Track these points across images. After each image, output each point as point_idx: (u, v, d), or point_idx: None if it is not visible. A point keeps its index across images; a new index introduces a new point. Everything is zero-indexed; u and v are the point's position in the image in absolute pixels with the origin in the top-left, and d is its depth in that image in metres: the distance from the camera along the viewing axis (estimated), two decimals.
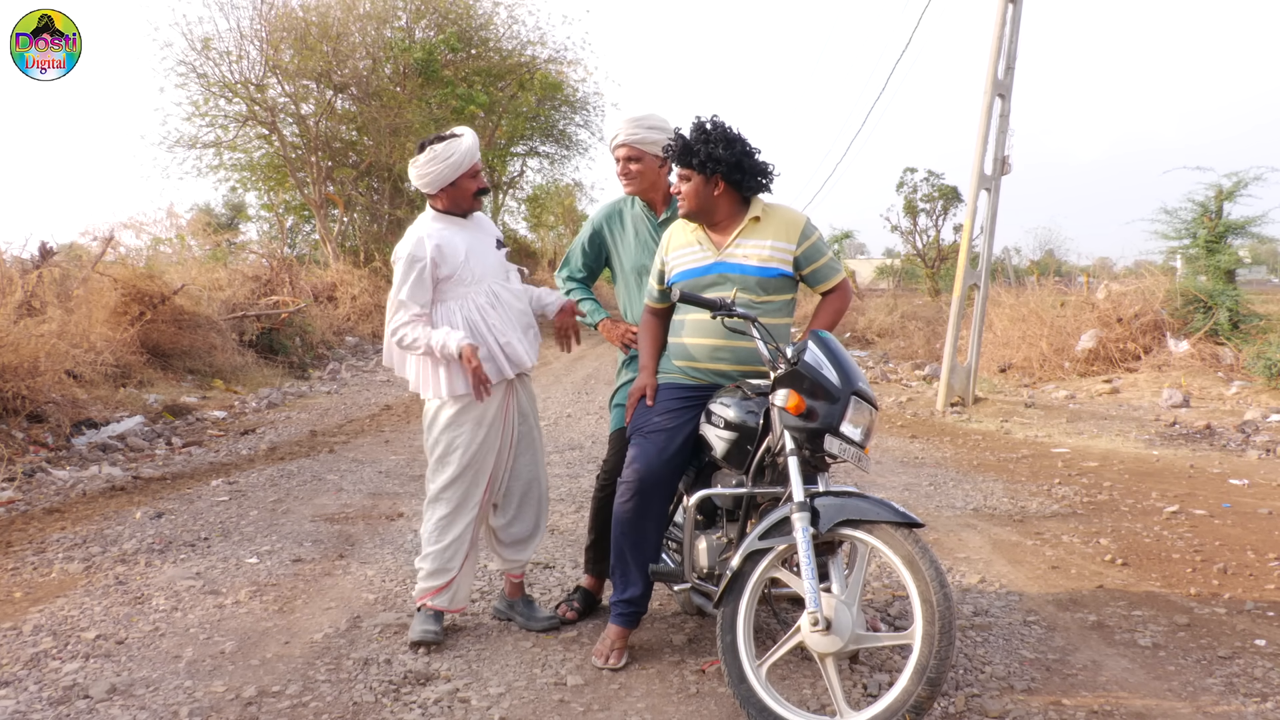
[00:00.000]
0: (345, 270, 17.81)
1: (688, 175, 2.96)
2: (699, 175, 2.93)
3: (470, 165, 3.22)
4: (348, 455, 6.94)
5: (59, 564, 4.14)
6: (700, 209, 2.99)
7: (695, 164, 2.92)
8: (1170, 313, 11.24)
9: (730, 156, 2.90)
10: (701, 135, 2.92)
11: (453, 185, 3.24)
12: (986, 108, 9.17)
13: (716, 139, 2.90)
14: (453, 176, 3.21)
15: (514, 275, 3.42)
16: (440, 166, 3.18)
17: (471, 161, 3.22)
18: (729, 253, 2.98)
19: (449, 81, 20.83)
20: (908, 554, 2.43)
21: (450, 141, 3.20)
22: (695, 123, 2.96)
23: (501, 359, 3.21)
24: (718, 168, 2.91)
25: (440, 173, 3.19)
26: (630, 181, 3.40)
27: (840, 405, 2.63)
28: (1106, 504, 5.32)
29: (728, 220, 3.01)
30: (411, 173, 3.26)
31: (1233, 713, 2.71)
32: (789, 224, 3.00)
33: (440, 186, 3.23)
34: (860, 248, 48.09)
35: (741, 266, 2.95)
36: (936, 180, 25.36)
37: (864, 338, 17.90)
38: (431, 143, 3.21)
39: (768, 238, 2.97)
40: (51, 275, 8.93)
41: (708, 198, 2.96)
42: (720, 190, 2.96)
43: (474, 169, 3.25)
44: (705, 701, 2.80)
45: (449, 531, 3.25)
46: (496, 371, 3.21)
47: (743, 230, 2.99)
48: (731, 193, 2.98)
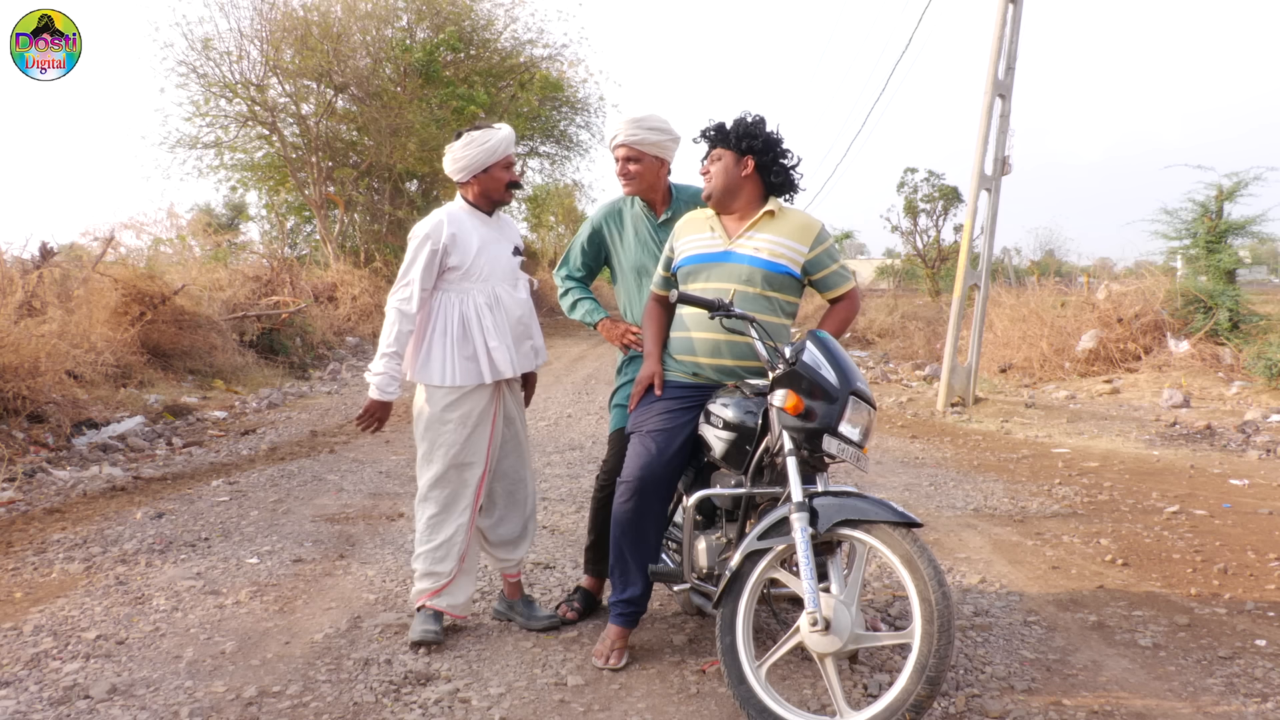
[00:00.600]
0: (345, 270, 17.81)
1: (720, 155, 3.01)
2: (731, 153, 2.99)
3: (504, 155, 3.25)
4: (348, 455, 6.94)
5: (59, 564, 4.14)
6: (725, 188, 3.01)
7: (731, 142, 2.98)
8: (1170, 313, 11.23)
9: (765, 148, 2.98)
10: (741, 121, 3.01)
11: (485, 172, 3.27)
12: (987, 108, 9.17)
13: (756, 123, 3.00)
14: (487, 162, 3.24)
15: (523, 284, 3.41)
16: (475, 151, 3.22)
17: (506, 151, 3.26)
18: (739, 243, 2.99)
19: (449, 82, 20.84)
20: (906, 554, 2.43)
21: (487, 130, 3.25)
22: (738, 116, 3.05)
23: (485, 363, 3.21)
24: (753, 144, 2.97)
25: (475, 157, 3.23)
26: (629, 182, 3.40)
27: (838, 405, 2.63)
28: (1107, 504, 5.32)
29: (745, 210, 3.03)
30: (446, 160, 3.30)
31: (1233, 713, 2.71)
32: (804, 226, 3.01)
33: (474, 173, 3.26)
34: (860, 248, 48.09)
35: (751, 258, 2.95)
36: (937, 180, 25.33)
37: (864, 338, 17.90)
38: (470, 130, 3.27)
39: (781, 234, 2.98)
40: (52, 275, 8.93)
41: (735, 177, 2.99)
42: (748, 172, 2.99)
43: (507, 160, 3.28)
44: (705, 702, 2.80)
45: (439, 531, 3.25)
46: (477, 374, 3.22)
47: (756, 223, 3.00)
48: (756, 181, 3.02)
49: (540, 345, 3.47)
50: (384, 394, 3.16)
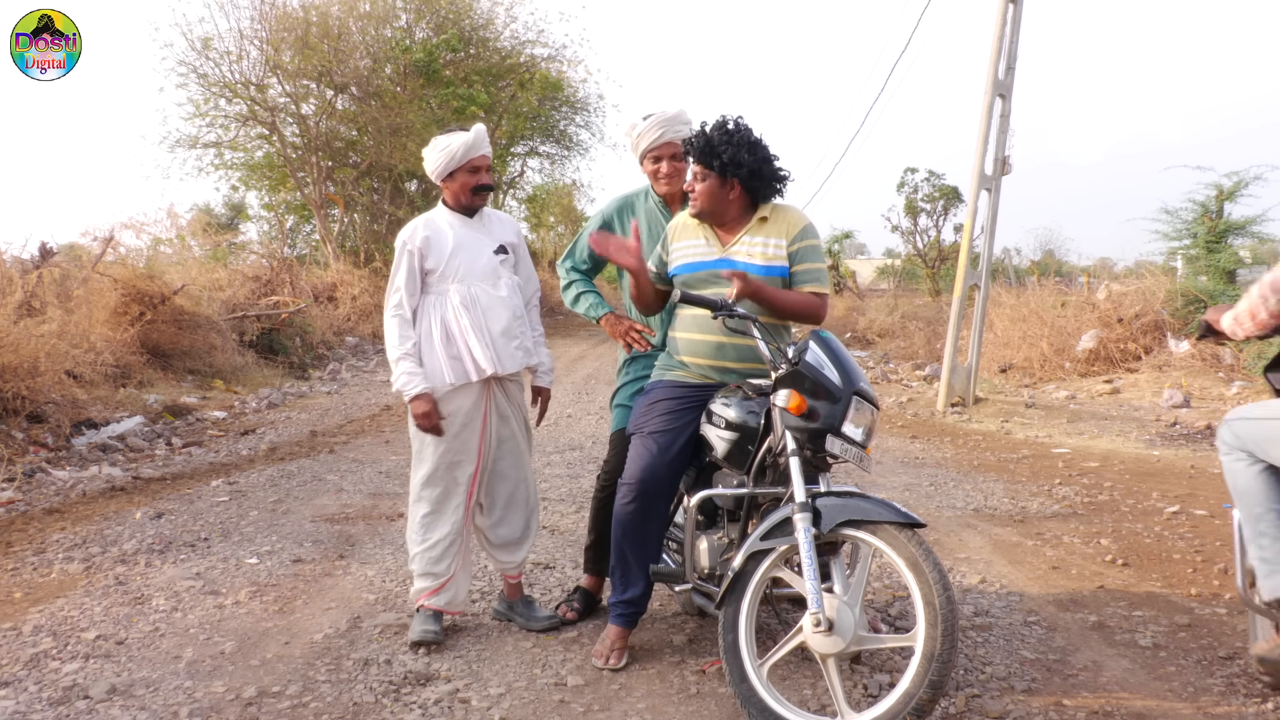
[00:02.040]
0: (345, 270, 17.79)
1: (705, 174, 2.93)
2: (716, 176, 2.92)
3: (466, 160, 3.22)
4: (348, 455, 6.94)
5: (59, 564, 4.13)
6: (712, 209, 2.98)
7: (716, 166, 2.89)
8: (1171, 313, 11.22)
9: (752, 163, 2.88)
10: (726, 136, 2.89)
11: (450, 177, 3.27)
12: (987, 108, 9.16)
13: (740, 142, 2.88)
14: (450, 167, 3.24)
15: (505, 283, 3.34)
16: (438, 155, 3.24)
17: (468, 156, 3.22)
18: (733, 250, 2.97)
19: (449, 82, 20.82)
20: (910, 555, 2.42)
21: (453, 134, 3.25)
22: (719, 121, 2.94)
23: (468, 361, 3.22)
24: (738, 172, 2.89)
25: (438, 162, 3.24)
26: (673, 180, 3.35)
27: (842, 405, 2.63)
28: (1107, 504, 5.32)
29: (736, 220, 3.01)
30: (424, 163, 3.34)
31: (1233, 713, 2.71)
32: (790, 223, 2.98)
33: (439, 177, 3.29)
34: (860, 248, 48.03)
35: (746, 265, 2.93)
36: (937, 180, 25.33)
37: (864, 338, 17.89)
38: (441, 134, 3.28)
39: (771, 236, 2.96)
40: (51, 275, 8.92)
41: (721, 199, 2.95)
42: (735, 193, 2.95)
43: (471, 164, 3.24)
44: (706, 702, 2.79)
45: (433, 531, 3.26)
46: (464, 373, 3.22)
47: (749, 229, 2.99)
48: (745, 196, 2.97)
49: (531, 346, 3.39)
50: (412, 389, 3.16)
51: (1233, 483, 2.66)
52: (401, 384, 3.18)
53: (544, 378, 3.51)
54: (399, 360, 3.19)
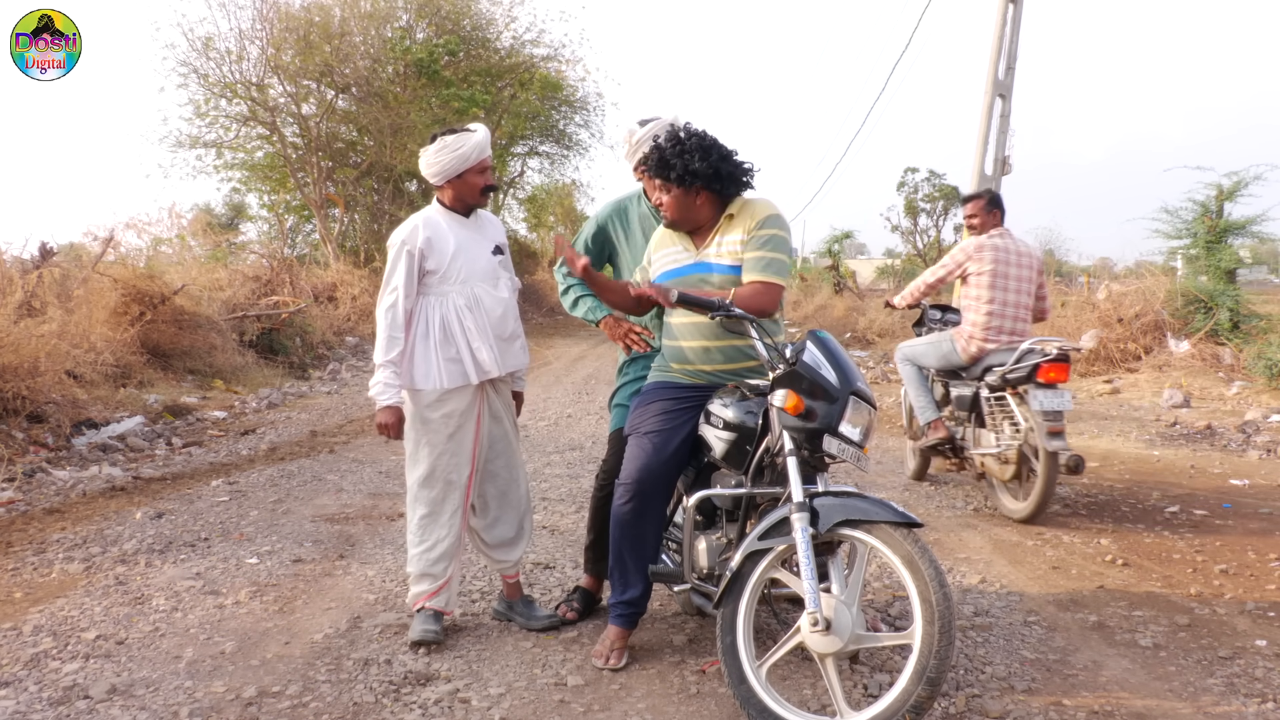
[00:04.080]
0: (345, 270, 17.77)
1: (667, 187, 2.93)
2: (678, 187, 2.91)
3: (478, 160, 3.23)
4: (348, 455, 6.94)
5: (59, 564, 4.14)
6: (683, 219, 2.98)
7: (674, 178, 2.89)
8: (1171, 313, 11.22)
9: (707, 167, 2.86)
10: (677, 147, 2.88)
11: (459, 178, 3.25)
12: (987, 108, 9.17)
13: (693, 150, 2.86)
14: (460, 169, 3.22)
15: (504, 283, 3.37)
16: (448, 157, 3.20)
17: (480, 156, 3.23)
18: (706, 252, 2.99)
19: (450, 82, 20.83)
20: (907, 554, 2.42)
21: (461, 134, 3.23)
22: (669, 133, 2.94)
23: (469, 364, 3.22)
24: (695, 180, 2.89)
25: (447, 164, 3.21)
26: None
27: (839, 405, 2.63)
28: (1107, 504, 5.32)
29: (709, 223, 3.01)
30: (421, 163, 3.30)
31: (1233, 713, 2.71)
32: (753, 215, 2.96)
33: (447, 178, 3.25)
34: (860, 248, 48.06)
35: (718, 265, 2.94)
36: (937, 180, 25.33)
37: (864, 338, 17.88)
38: (443, 134, 3.25)
39: (736, 232, 2.96)
40: (52, 275, 8.93)
41: (689, 207, 2.95)
42: (702, 199, 2.95)
43: (481, 164, 3.25)
44: (705, 702, 2.79)
45: (431, 532, 3.26)
46: (463, 375, 3.23)
47: (719, 229, 2.99)
48: (713, 198, 2.97)
49: (524, 343, 3.45)
50: (385, 400, 3.17)
51: (904, 374, 5.52)
52: (376, 392, 3.17)
53: (519, 382, 3.55)
54: (381, 366, 3.18)
